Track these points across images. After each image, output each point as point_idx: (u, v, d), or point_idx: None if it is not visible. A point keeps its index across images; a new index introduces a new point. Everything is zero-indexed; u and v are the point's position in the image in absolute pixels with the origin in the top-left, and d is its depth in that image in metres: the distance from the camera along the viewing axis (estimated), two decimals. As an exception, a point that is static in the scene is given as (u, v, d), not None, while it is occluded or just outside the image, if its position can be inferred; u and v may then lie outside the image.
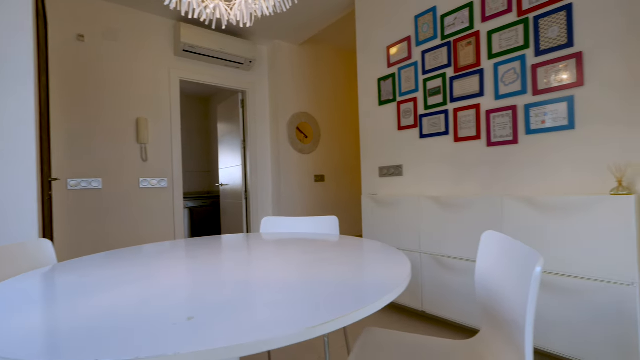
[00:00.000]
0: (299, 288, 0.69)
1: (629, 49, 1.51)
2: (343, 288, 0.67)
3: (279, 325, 0.50)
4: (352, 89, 4.42)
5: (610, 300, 1.46)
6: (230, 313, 0.56)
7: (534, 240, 1.67)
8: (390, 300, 0.59)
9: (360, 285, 0.69)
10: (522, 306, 0.64)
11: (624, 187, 1.49)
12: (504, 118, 1.93)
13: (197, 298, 0.65)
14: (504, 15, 1.91)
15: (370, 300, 0.56)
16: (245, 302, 0.61)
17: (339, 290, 0.66)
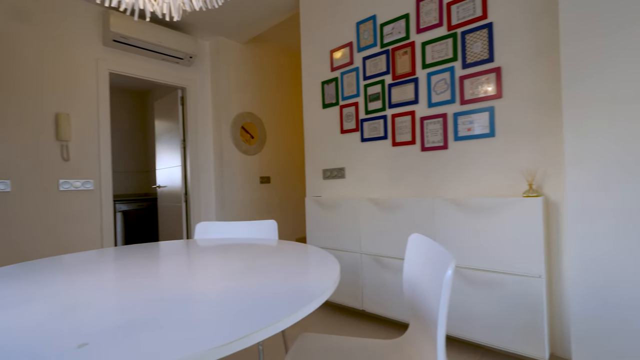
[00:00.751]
0: (218, 302, 0.65)
1: (537, 68, 1.69)
2: (264, 300, 0.65)
3: (181, 348, 0.46)
4: (298, 90, 4.42)
5: (522, 292, 1.62)
6: (134, 336, 0.51)
7: (460, 239, 1.80)
8: (308, 312, 0.59)
9: (283, 296, 0.68)
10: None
11: (534, 190, 1.66)
12: (435, 125, 2.05)
13: (101, 319, 0.58)
14: (435, 28, 2.04)
15: (286, 313, 0.55)
16: (155, 322, 0.56)
17: (260, 303, 0.63)
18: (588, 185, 1.43)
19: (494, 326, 1.70)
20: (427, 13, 2.07)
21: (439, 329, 0.63)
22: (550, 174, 1.67)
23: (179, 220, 3.72)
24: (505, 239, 1.67)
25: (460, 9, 1.92)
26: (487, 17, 1.83)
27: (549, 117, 1.67)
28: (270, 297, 0.67)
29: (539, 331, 1.57)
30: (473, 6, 1.87)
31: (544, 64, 1.67)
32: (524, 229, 1.61)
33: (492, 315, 1.70)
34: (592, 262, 1.43)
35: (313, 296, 0.64)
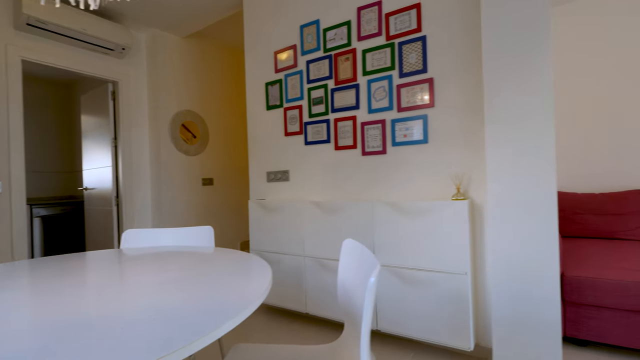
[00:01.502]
0: (132, 323, 0.60)
1: (464, 80, 1.84)
2: (183, 319, 0.61)
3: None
4: (243, 90, 4.31)
5: (451, 288, 1.74)
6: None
7: (398, 240, 1.89)
8: (229, 329, 0.56)
9: (205, 312, 0.64)
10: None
11: (461, 194, 1.80)
12: (375, 130, 2.13)
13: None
14: (375, 37, 2.11)
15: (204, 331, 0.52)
16: (46, 353, 0.50)
17: (176, 324, 0.59)
18: (503, 190, 1.58)
19: (428, 322, 1.80)
20: (367, 22, 2.14)
21: (363, 334, 0.64)
22: (475, 178, 1.82)
23: (109, 226, 3.40)
24: (436, 240, 1.78)
25: (398, 21, 2.01)
26: (421, 30, 1.95)
27: (474, 126, 1.82)
28: (191, 314, 0.63)
29: (465, 324, 1.70)
30: (409, 19, 1.98)
31: (471, 77, 1.82)
32: (453, 230, 1.73)
33: (426, 312, 1.81)
34: (507, 258, 1.59)
35: (237, 310, 0.62)
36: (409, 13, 1.97)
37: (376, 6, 2.09)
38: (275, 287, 2.40)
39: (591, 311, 1.81)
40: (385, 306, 1.93)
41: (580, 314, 1.84)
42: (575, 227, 2.82)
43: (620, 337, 1.74)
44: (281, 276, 2.38)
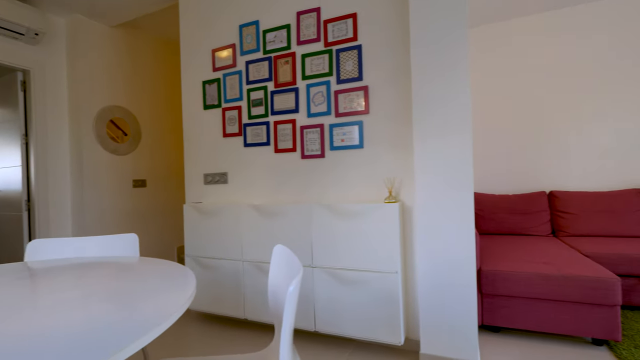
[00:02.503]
0: (24, 352, 0.53)
1: (396, 89, 1.95)
2: (85, 341, 0.56)
3: None
4: (178, 87, 4.08)
5: (384, 287, 1.83)
6: None
7: (335, 242, 1.93)
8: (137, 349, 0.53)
9: (111, 333, 0.59)
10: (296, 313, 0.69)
11: (393, 196, 1.90)
12: (314, 134, 2.16)
13: None
14: (314, 43, 2.15)
15: (105, 356, 0.48)
16: None
17: (78, 346, 0.54)
18: (429, 193, 1.71)
19: (363, 320, 1.87)
20: (307, 27, 2.16)
21: (282, 342, 0.64)
22: (406, 182, 1.94)
23: (17, 234, 2.99)
24: (370, 241, 1.86)
25: (335, 28, 2.07)
26: (357, 39, 2.02)
27: (405, 133, 1.94)
28: (95, 335, 0.58)
29: (396, 320, 1.80)
30: (346, 27, 2.04)
31: (402, 87, 1.93)
32: (385, 231, 1.82)
33: (361, 310, 1.88)
34: (432, 256, 1.72)
35: (148, 328, 0.58)
36: (346, 22, 2.04)
37: (315, 12, 2.13)
38: (213, 294, 2.31)
39: (503, 301, 2.03)
40: (323, 307, 1.96)
41: (494, 304, 2.05)
42: (493, 224, 3.14)
43: (526, 322, 1.97)
44: (219, 282, 2.29)
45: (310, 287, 2.00)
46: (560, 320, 1.90)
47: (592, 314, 1.84)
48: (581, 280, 1.84)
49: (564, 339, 1.98)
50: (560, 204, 3.00)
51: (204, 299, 2.35)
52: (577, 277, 1.86)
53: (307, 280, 2.01)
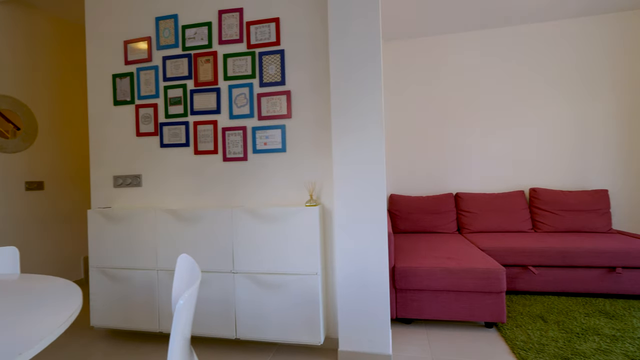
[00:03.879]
0: None
1: (318, 96, 2.01)
2: None
3: None
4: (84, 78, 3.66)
5: (305, 288, 1.86)
6: None
7: (257, 246, 1.91)
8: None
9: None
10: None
11: (314, 200, 1.95)
12: (236, 136, 2.11)
13: None
14: (236, 43, 2.10)
15: None
16: None
17: None
18: (346, 196, 1.79)
19: (284, 323, 1.88)
20: (229, 27, 2.11)
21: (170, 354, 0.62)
22: (326, 185, 2.00)
23: None
24: (291, 244, 1.88)
25: (258, 31, 2.05)
26: (280, 44, 2.03)
27: (326, 137, 2.00)
28: None
29: (316, 320, 1.85)
30: (269, 31, 2.04)
31: (323, 93, 2.00)
32: (306, 234, 1.86)
33: (283, 314, 1.89)
34: (350, 256, 1.80)
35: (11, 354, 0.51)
36: (269, 26, 2.04)
37: (237, 12, 2.09)
38: (123, 308, 2.11)
39: (414, 294, 2.21)
40: (244, 313, 1.93)
41: (406, 297, 2.23)
42: (408, 224, 3.41)
43: (432, 312, 2.18)
44: (130, 295, 2.11)
45: (231, 293, 1.95)
46: (460, 308, 2.14)
47: (484, 301, 2.11)
48: (475, 272, 2.10)
49: (463, 324, 2.24)
50: (463, 204, 3.38)
51: (112, 315, 2.13)
52: (472, 269, 2.11)
53: (228, 287, 1.96)
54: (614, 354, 1.77)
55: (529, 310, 2.35)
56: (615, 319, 2.17)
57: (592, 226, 3.04)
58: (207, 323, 1.98)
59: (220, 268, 1.96)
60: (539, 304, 2.45)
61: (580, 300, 2.50)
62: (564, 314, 2.28)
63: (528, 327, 2.11)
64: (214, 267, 1.97)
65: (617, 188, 3.26)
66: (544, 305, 2.42)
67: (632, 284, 2.47)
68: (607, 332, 2.00)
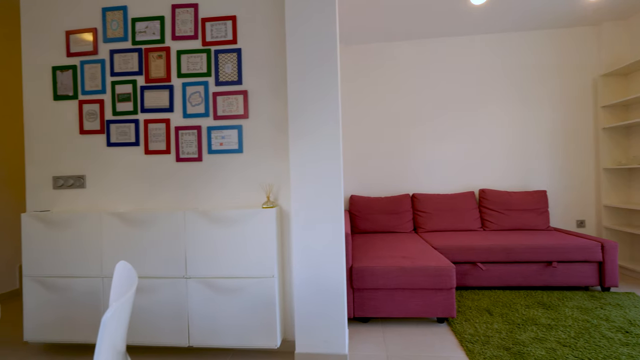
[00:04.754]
0: None
1: (276, 97, 1.99)
2: None
3: None
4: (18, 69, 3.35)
5: (261, 292, 1.83)
6: None
7: (211, 250, 1.85)
8: None
9: None
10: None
11: (271, 201, 1.93)
12: (190, 136, 2.03)
13: None
14: (191, 40, 2.03)
15: None
16: None
17: None
18: (303, 198, 1.79)
19: (241, 328, 1.84)
20: (183, 22, 2.03)
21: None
22: (284, 187, 1.99)
23: None
24: (248, 247, 1.84)
25: (214, 28, 2.00)
26: (236, 42, 1.99)
27: (284, 139, 1.99)
28: None
29: (273, 323, 1.83)
30: (225, 29, 1.99)
31: (281, 94, 1.98)
32: (262, 236, 1.83)
33: (239, 318, 1.84)
34: (307, 258, 1.80)
35: None
36: (225, 23, 1.99)
37: (192, 8, 2.02)
38: (63, 320, 1.95)
39: (370, 294, 2.26)
40: (198, 320, 1.86)
41: (364, 297, 2.27)
42: (368, 224, 3.49)
43: (388, 310, 2.24)
44: (71, 305, 1.95)
45: (184, 299, 1.87)
46: (414, 306, 2.22)
47: (435, 298, 2.20)
48: (428, 270, 2.19)
49: (417, 320, 2.32)
50: (419, 205, 3.52)
51: (49, 328, 1.96)
52: (425, 267, 2.20)
53: (180, 293, 1.87)
54: (549, 341, 1.93)
55: (477, 305, 2.49)
56: (550, 309, 2.36)
57: (532, 224, 3.30)
58: (157, 331, 1.89)
59: (172, 273, 1.88)
60: (486, 298, 2.61)
61: (522, 293, 2.70)
62: (508, 306, 2.44)
63: (476, 320, 2.24)
64: (166, 272, 1.88)
65: (554, 189, 3.57)
66: (491, 299, 2.58)
67: (565, 277, 2.71)
68: (543, 322, 2.17)
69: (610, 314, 2.26)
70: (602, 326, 2.09)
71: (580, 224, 3.54)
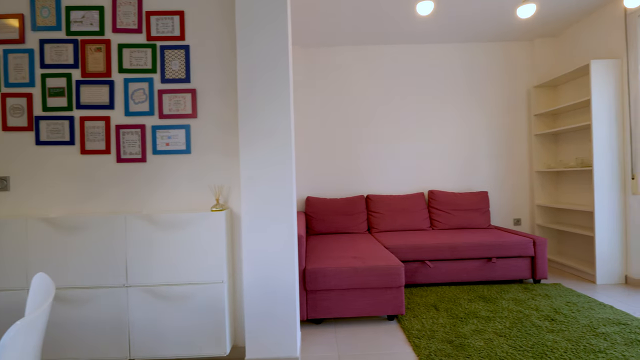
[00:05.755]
0: None
1: (227, 97, 1.94)
2: None
3: None
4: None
5: (210, 298, 1.77)
6: None
7: (155, 256, 1.75)
8: None
9: None
10: None
11: (221, 204, 1.87)
12: (133, 135, 1.91)
13: None
14: (134, 33, 1.91)
15: None
16: None
17: None
18: (254, 200, 1.76)
19: (188, 336, 1.76)
20: (125, 14, 1.90)
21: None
22: (235, 189, 1.94)
23: None
24: (196, 251, 1.77)
25: (160, 23, 1.90)
26: (184, 39, 1.91)
27: (234, 140, 1.94)
28: None
29: (222, 330, 1.77)
30: (172, 24, 1.90)
31: (232, 93, 1.93)
32: (211, 240, 1.77)
33: (186, 327, 1.76)
34: (258, 261, 1.77)
35: None
36: (172, 18, 1.90)
37: (135, 0, 1.90)
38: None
39: (323, 295, 2.28)
40: (140, 331, 1.75)
41: (316, 298, 2.28)
42: (324, 225, 3.52)
43: (341, 311, 2.27)
44: (-10, 322, 1.74)
45: (124, 309, 1.75)
46: (365, 305, 2.27)
47: (386, 296, 2.27)
48: (378, 269, 2.26)
49: (369, 319, 2.38)
50: (373, 206, 3.62)
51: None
52: (376, 267, 2.26)
53: (120, 303, 1.75)
54: (487, 332, 2.07)
55: (425, 301, 2.61)
56: (490, 302, 2.54)
57: (476, 223, 3.53)
58: (94, 345, 1.75)
59: (110, 282, 1.75)
60: (434, 294, 2.74)
61: (466, 288, 2.88)
62: (453, 301, 2.59)
63: (423, 316, 2.34)
64: (103, 281, 1.75)
65: (495, 190, 3.85)
66: (438, 295, 2.72)
67: (503, 271, 2.93)
68: (483, 315, 2.33)
69: (539, 304, 2.49)
70: (533, 315, 2.29)
71: (517, 222, 3.85)
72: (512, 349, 1.87)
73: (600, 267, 2.93)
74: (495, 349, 1.88)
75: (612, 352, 1.81)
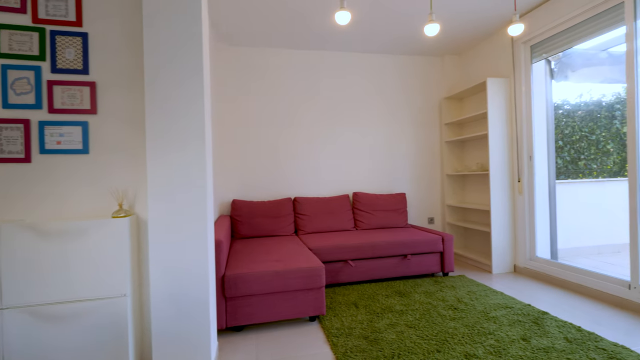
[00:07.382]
0: None
1: (133, 93, 1.77)
2: None
3: None
4: None
5: (109, 314, 1.60)
6: None
7: (40, 271, 1.53)
8: None
9: None
10: None
11: (124, 210, 1.71)
12: (14, 131, 1.65)
13: None
14: (16, 13, 1.65)
15: None
16: None
17: None
18: (164, 205, 1.64)
19: (84, 359, 1.56)
20: (3, -11, 1.63)
21: None
22: (142, 193, 1.79)
23: None
24: (92, 263, 1.58)
25: (50, 5, 1.67)
26: (82, 25, 1.71)
27: (141, 139, 1.79)
28: None
29: (124, 349, 1.61)
30: (65, 7, 1.68)
31: (139, 90, 1.78)
32: (112, 250, 1.60)
33: (81, 349, 1.56)
34: (168, 271, 1.65)
35: None
36: (66, 0, 1.68)
37: (17, -26, 1.64)
38: None
39: (244, 301, 2.22)
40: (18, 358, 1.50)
41: (237, 305, 2.21)
42: (250, 229, 3.44)
43: (263, 316, 2.23)
44: None
45: (-2, 336, 1.49)
46: (287, 308, 2.27)
47: (307, 297, 2.30)
48: (299, 271, 2.27)
49: (291, 322, 2.38)
50: (300, 208, 3.65)
51: None
52: (297, 269, 2.28)
53: (-7, 328, 1.49)
54: (399, 325, 2.22)
55: (346, 299, 2.71)
56: (404, 297, 2.73)
57: (394, 222, 3.78)
58: (-45, 383, 1.45)
59: (-20, 305, 1.48)
60: (355, 293, 2.86)
61: (384, 284, 3.06)
62: (371, 298, 2.72)
63: (343, 314, 2.42)
64: (-30, 304, 1.47)
65: (412, 191, 4.17)
66: (358, 293, 2.84)
67: (417, 267, 3.18)
68: (397, 309, 2.49)
69: (446, 295, 2.75)
70: (439, 306, 2.52)
71: (430, 221, 4.22)
72: (419, 338, 2.03)
73: (495, 259, 3.35)
74: (405, 340, 2.02)
75: (499, 333, 2.07)
